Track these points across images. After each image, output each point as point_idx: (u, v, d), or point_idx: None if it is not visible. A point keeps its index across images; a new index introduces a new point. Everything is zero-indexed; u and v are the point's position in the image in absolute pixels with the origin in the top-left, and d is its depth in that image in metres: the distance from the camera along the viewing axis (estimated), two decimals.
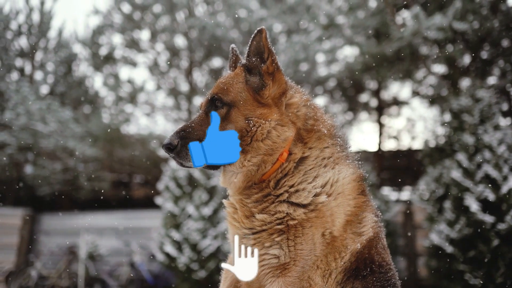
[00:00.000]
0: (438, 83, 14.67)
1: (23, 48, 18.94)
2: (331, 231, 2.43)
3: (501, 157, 9.15)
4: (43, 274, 14.33)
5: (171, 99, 19.36)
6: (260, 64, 2.67)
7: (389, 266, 2.61)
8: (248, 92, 2.62)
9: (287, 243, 2.41)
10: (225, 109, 2.57)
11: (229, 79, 2.69)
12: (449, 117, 10.82)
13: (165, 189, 12.37)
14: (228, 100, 2.58)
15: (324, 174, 2.54)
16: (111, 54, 18.93)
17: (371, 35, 13.76)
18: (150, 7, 17.82)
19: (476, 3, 11.01)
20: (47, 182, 17.72)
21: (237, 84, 2.65)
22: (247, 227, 2.53)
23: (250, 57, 2.69)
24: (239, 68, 2.75)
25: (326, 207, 2.45)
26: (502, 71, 12.82)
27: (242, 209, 2.58)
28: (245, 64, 2.71)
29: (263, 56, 2.67)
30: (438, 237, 9.58)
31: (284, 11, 16.74)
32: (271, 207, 2.49)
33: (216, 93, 2.62)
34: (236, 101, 2.58)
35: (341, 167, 2.62)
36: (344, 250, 2.47)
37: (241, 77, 2.69)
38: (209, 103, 2.64)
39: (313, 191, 2.47)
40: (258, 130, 2.51)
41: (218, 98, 2.59)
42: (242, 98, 2.59)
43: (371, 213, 2.65)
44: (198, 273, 11.41)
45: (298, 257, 2.39)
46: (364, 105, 18.86)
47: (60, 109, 16.76)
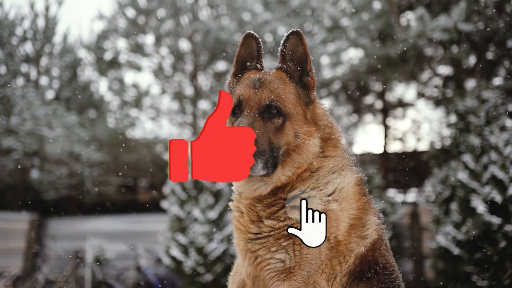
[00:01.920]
0: (443, 84, 14.63)
1: (29, 53, 19.03)
2: (335, 235, 2.43)
3: (508, 158, 9.10)
4: (50, 279, 14.36)
5: (176, 103, 19.37)
6: (303, 75, 2.61)
7: (393, 268, 2.60)
8: (301, 107, 2.56)
9: (293, 247, 2.39)
10: (281, 120, 2.46)
11: (281, 86, 2.54)
12: (455, 119, 10.79)
13: (171, 193, 12.37)
14: (284, 111, 2.47)
15: (334, 181, 2.53)
16: (116, 59, 18.99)
17: (376, 37, 13.72)
18: (155, 11, 17.86)
19: (481, 4, 10.98)
20: (53, 187, 17.77)
21: (290, 95, 2.54)
22: (253, 232, 2.50)
23: (286, 61, 2.62)
24: (281, 73, 2.63)
25: (332, 213, 2.44)
26: (507, 72, 12.76)
27: (248, 214, 2.54)
28: (286, 69, 2.62)
29: (305, 65, 2.61)
30: (444, 239, 9.53)
31: (288, 14, 16.75)
32: (281, 212, 2.46)
33: (274, 100, 2.46)
34: (291, 114, 2.49)
35: (346, 173, 2.61)
36: (348, 253, 2.46)
37: (291, 87, 2.58)
38: (265, 108, 2.46)
39: (324, 199, 2.46)
40: (303, 147, 2.46)
41: (276, 107, 2.46)
42: (296, 112, 2.52)
43: (374, 216, 2.64)
44: (204, 277, 11.40)
45: (303, 261, 2.38)
46: (369, 107, 18.81)
47: (65, 114, 16.83)
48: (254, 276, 2.53)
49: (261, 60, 2.76)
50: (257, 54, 2.72)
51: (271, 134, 2.41)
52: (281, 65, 2.64)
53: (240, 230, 2.59)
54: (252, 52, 2.74)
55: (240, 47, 2.72)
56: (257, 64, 2.74)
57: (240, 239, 2.58)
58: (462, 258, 9.21)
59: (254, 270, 2.51)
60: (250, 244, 2.50)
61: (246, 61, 2.76)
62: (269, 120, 2.44)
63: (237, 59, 2.76)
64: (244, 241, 2.54)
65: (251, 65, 2.75)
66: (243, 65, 2.76)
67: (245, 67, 2.76)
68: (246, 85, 2.57)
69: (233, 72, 2.79)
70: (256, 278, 2.53)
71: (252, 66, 2.75)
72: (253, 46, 2.72)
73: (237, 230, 2.62)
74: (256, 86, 2.53)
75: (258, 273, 2.49)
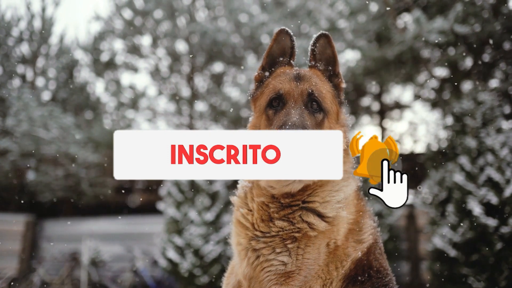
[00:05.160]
0: (439, 86, 14.64)
1: (25, 54, 18.97)
2: (335, 241, 2.44)
3: (504, 160, 9.11)
4: (45, 281, 14.31)
5: (173, 105, 19.37)
6: (332, 76, 2.65)
7: (386, 271, 2.61)
8: (335, 106, 2.59)
9: (296, 251, 2.39)
10: (321, 116, 2.49)
11: (320, 82, 2.57)
12: (451, 121, 10.79)
13: (167, 195, 12.35)
14: (324, 107, 2.51)
15: (343, 188, 2.55)
16: (113, 60, 18.98)
17: (373, 39, 13.74)
18: (151, 12, 17.86)
19: (477, 6, 11.01)
20: (49, 188, 17.70)
21: (328, 93, 2.57)
22: (261, 230, 2.49)
23: (317, 60, 2.65)
24: (317, 71, 2.67)
25: (338, 220, 2.46)
26: (504, 74, 12.78)
27: (260, 212, 2.52)
28: (319, 68, 2.66)
29: (334, 68, 2.64)
30: (441, 241, 9.53)
31: (285, 16, 16.74)
32: (296, 215, 2.45)
33: (315, 93, 2.49)
34: (329, 112, 2.52)
35: (351, 181, 2.63)
36: (345, 258, 2.46)
37: (328, 85, 2.62)
38: (308, 100, 2.48)
39: (336, 205, 2.47)
40: None
41: (317, 101, 2.49)
42: (333, 111, 2.56)
43: (370, 219, 2.66)
44: (200, 279, 11.38)
45: (303, 266, 2.38)
46: (366, 109, 18.82)
47: (61, 115, 16.78)
48: (251, 278, 2.51)
49: (294, 57, 2.78)
50: (290, 50, 2.74)
51: (314, 128, 2.43)
52: (314, 63, 2.68)
53: (245, 227, 2.57)
54: (284, 48, 2.76)
55: (273, 41, 2.74)
56: (290, 60, 2.76)
57: (243, 236, 2.55)
58: (458, 260, 9.20)
59: (252, 271, 2.49)
60: (254, 242, 2.48)
61: (277, 56, 2.77)
62: (313, 114, 2.46)
63: (268, 53, 2.77)
64: (247, 239, 2.52)
65: (284, 60, 2.76)
66: (273, 60, 2.77)
67: (276, 62, 2.77)
68: (285, 78, 2.57)
69: (261, 65, 2.79)
70: (252, 279, 2.51)
71: (285, 62, 2.76)
72: (286, 42, 2.74)
73: (241, 227, 2.59)
74: (296, 80, 2.54)
75: (256, 274, 2.47)
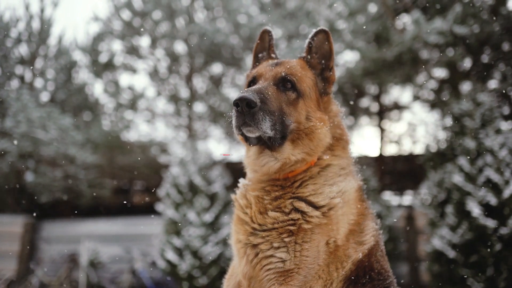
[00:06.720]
0: (439, 87, 14.64)
1: (23, 55, 18.93)
2: (335, 240, 2.43)
3: (503, 161, 9.11)
4: (44, 282, 14.30)
5: (172, 106, 19.33)
6: (325, 70, 2.74)
7: (387, 273, 2.62)
8: (315, 93, 2.65)
9: (294, 246, 2.39)
10: (294, 95, 2.54)
11: (299, 68, 2.65)
12: (450, 121, 10.79)
13: (166, 196, 12.34)
14: (299, 88, 2.56)
15: (339, 184, 2.57)
16: (111, 61, 18.94)
17: (372, 40, 13.74)
18: (150, 13, 17.83)
19: (476, 7, 11.00)
20: (47, 190, 17.68)
21: (307, 78, 2.65)
22: (259, 223, 2.51)
23: (312, 53, 2.73)
24: (302, 62, 2.75)
25: (335, 215, 2.45)
26: (503, 75, 12.78)
27: (257, 205, 2.56)
28: (308, 59, 2.75)
29: (328, 62, 2.72)
30: (440, 242, 9.53)
31: (284, 16, 16.74)
32: (287, 203, 2.49)
33: (290, 74, 2.56)
34: (306, 94, 2.57)
35: (350, 179, 2.65)
36: (346, 259, 2.46)
37: (310, 73, 2.70)
38: (280, 80, 2.55)
39: (328, 195, 2.49)
40: (315, 131, 2.51)
41: (291, 80, 2.55)
42: (310, 95, 2.61)
43: (372, 221, 2.67)
44: (199, 280, 11.36)
45: (302, 265, 2.37)
46: (365, 110, 18.80)
47: (60, 117, 16.74)
48: (251, 277, 2.51)
49: (272, 50, 2.93)
50: (268, 45, 2.92)
51: (283, 104, 2.48)
52: (304, 56, 2.78)
53: (243, 222, 2.59)
54: (264, 45, 2.94)
55: (257, 41, 2.94)
56: (269, 53, 2.93)
57: (242, 232, 2.57)
58: (457, 261, 9.20)
59: (251, 270, 2.49)
60: (252, 237, 2.50)
61: (260, 53, 2.96)
62: (283, 92, 2.53)
63: (254, 52, 2.97)
64: (246, 235, 2.53)
65: (263, 56, 2.95)
66: (258, 58, 2.97)
67: (260, 59, 2.97)
68: (263, 65, 2.73)
69: (252, 64, 2.98)
70: (252, 279, 2.51)
71: (265, 57, 2.94)
72: (265, 38, 2.93)
73: (241, 222, 2.62)
74: (273, 65, 2.66)
75: (256, 273, 2.47)
